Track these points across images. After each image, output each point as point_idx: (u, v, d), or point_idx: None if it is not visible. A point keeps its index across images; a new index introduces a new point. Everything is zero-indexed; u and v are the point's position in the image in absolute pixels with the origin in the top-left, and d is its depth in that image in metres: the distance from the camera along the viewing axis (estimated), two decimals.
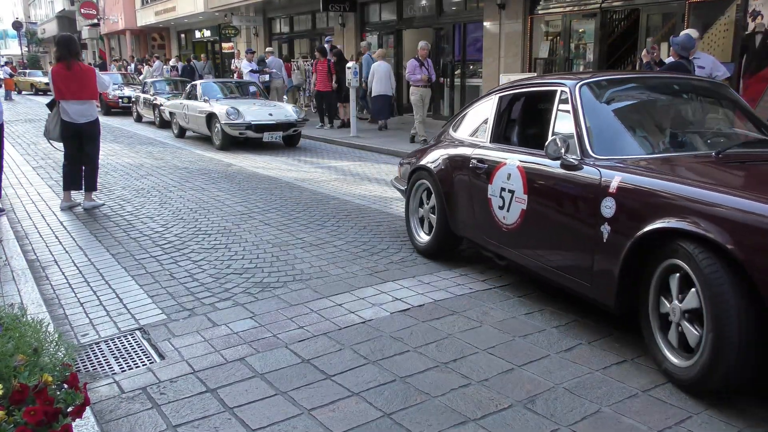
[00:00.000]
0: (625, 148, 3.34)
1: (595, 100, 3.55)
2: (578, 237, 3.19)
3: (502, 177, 3.81)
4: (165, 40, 32.45)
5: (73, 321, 3.58)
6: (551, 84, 3.82)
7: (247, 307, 3.75)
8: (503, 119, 4.31)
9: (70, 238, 5.36)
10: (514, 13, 12.49)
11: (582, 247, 3.16)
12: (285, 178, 8.28)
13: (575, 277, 3.25)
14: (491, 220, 3.93)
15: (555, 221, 3.43)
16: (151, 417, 2.57)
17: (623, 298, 2.97)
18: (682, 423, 2.47)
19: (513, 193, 3.70)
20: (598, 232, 3.02)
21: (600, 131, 3.38)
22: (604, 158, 3.18)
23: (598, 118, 3.45)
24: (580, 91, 3.52)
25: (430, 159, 4.64)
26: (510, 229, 3.76)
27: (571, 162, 3.25)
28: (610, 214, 2.95)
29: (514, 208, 3.69)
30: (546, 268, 3.50)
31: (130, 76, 21.90)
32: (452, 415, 2.54)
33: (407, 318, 3.55)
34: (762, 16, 8.87)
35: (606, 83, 3.78)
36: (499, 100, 4.30)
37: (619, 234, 2.90)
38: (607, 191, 2.98)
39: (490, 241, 4.03)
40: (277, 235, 5.36)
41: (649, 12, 10.60)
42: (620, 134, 3.54)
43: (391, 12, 16.61)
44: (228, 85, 13.29)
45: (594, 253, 3.07)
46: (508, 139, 4.29)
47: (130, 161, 9.91)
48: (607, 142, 3.34)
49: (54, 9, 45.67)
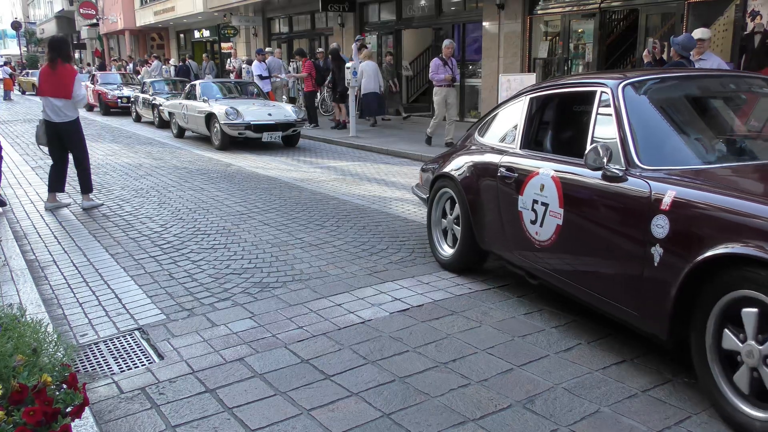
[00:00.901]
0: (677, 158, 2.94)
1: (640, 102, 3.17)
2: (624, 259, 2.83)
3: (535, 188, 3.45)
4: (164, 40, 32.44)
5: (72, 321, 3.57)
6: (590, 84, 3.42)
7: (246, 307, 3.74)
8: (534, 123, 3.94)
9: (69, 239, 5.36)
10: (513, 14, 12.50)
11: (628, 271, 2.80)
12: (284, 178, 8.27)
13: (620, 304, 2.88)
14: (522, 235, 3.57)
15: (596, 240, 3.05)
16: (150, 417, 2.57)
17: (678, 330, 2.60)
18: (681, 423, 2.47)
19: (547, 207, 3.34)
20: (647, 255, 2.65)
21: (647, 138, 2.99)
22: (653, 169, 2.81)
23: (645, 123, 3.06)
24: (624, 91, 3.13)
25: (455, 166, 4.29)
26: (543, 246, 3.39)
27: (615, 173, 2.88)
28: (663, 235, 2.58)
29: (549, 223, 3.32)
30: (586, 292, 3.13)
31: (129, 76, 21.88)
32: (451, 415, 2.54)
33: (406, 318, 3.55)
34: (761, 16, 8.89)
35: (652, 83, 3.40)
36: (530, 102, 3.92)
37: (673, 258, 2.54)
38: (658, 208, 2.61)
39: (520, 257, 3.68)
40: (276, 235, 5.36)
41: (648, 12, 10.61)
42: (671, 141, 3.13)
43: (391, 12, 16.61)
44: (227, 85, 13.28)
45: (642, 279, 2.70)
46: (541, 145, 3.93)
47: (129, 161, 9.91)
48: (656, 150, 2.95)
49: (53, 9, 45.64)
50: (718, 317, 2.42)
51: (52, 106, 6.21)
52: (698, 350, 2.51)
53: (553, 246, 3.32)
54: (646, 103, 3.23)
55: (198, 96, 12.09)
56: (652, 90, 3.36)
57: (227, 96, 12.42)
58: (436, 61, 10.72)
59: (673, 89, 3.51)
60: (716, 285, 2.39)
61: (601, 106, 3.22)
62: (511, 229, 3.70)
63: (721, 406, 2.43)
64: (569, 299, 3.59)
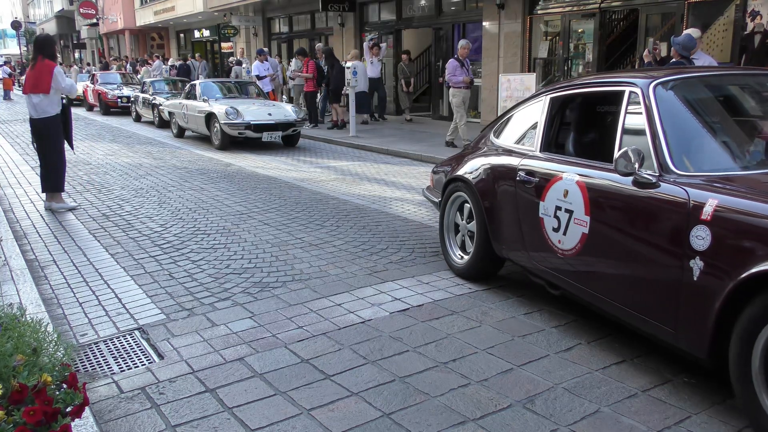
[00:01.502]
0: (715, 162, 2.76)
1: (673, 103, 2.98)
2: (659, 272, 2.64)
3: (558, 193, 3.27)
4: (164, 39, 32.43)
5: (72, 321, 3.57)
6: (617, 83, 3.24)
7: (246, 307, 3.74)
8: (555, 125, 3.75)
9: (69, 238, 5.36)
10: (513, 13, 12.50)
11: (664, 286, 2.62)
12: (284, 178, 8.27)
13: (654, 320, 2.71)
14: (543, 243, 3.39)
15: (626, 250, 2.86)
16: (150, 417, 2.57)
17: (719, 348, 2.42)
18: (681, 423, 2.47)
19: (571, 214, 3.15)
20: (686, 268, 2.47)
21: (682, 141, 2.80)
22: (689, 174, 2.64)
23: (679, 125, 2.87)
24: (655, 91, 2.94)
25: (469, 169, 4.11)
26: (567, 256, 3.21)
27: (648, 179, 2.70)
28: (704, 247, 2.39)
29: (573, 231, 3.14)
30: (614, 306, 2.97)
31: (129, 75, 21.88)
32: (451, 415, 2.54)
33: (406, 318, 3.55)
34: (761, 16, 8.89)
35: (685, 82, 3.19)
36: (550, 103, 3.73)
37: (716, 272, 2.36)
38: (698, 217, 2.42)
39: (541, 267, 3.51)
40: (276, 234, 5.36)
41: (648, 12, 10.61)
42: (708, 144, 2.93)
43: (391, 12, 16.60)
44: (227, 85, 13.28)
45: (680, 294, 2.53)
46: (562, 147, 3.76)
47: (129, 161, 9.91)
48: (692, 154, 2.77)
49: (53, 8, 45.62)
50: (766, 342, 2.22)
51: (31, 102, 6.24)
52: (741, 373, 2.31)
53: (578, 256, 3.13)
54: (680, 104, 3.04)
55: (198, 96, 12.09)
56: (685, 89, 3.16)
57: (227, 96, 12.42)
58: (452, 63, 10.33)
59: (707, 88, 3.29)
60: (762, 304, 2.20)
61: (630, 107, 3.04)
62: (530, 236, 3.53)
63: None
64: (569, 299, 3.59)
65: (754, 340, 2.25)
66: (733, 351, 2.33)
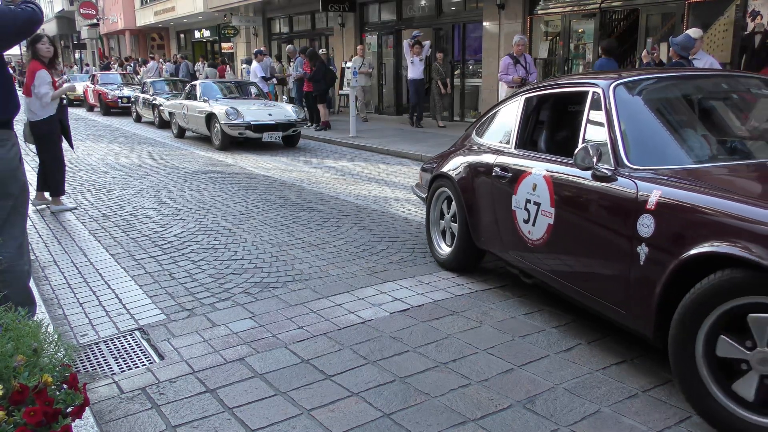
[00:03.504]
0: (666, 157, 2.93)
1: (631, 103, 3.19)
2: (612, 258, 2.84)
3: (528, 187, 3.47)
4: (164, 40, 32.44)
5: (73, 321, 3.58)
6: (583, 84, 3.44)
7: (246, 307, 3.75)
8: (530, 123, 3.97)
9: (69, 239, 5.36)
10: (514, 14, 12.50)
11: (616, 270, 2.81)
12: (284, 178, 8.28)
13: (610, 303, 2.90)
14: (516, 234, 3.60)
15: (586, 239, 3.07)
16: (150, 417, 2.57)
17: (664, 329, 2.59)
18: (681, 423, 2.47)
19: (539, 206, 3.36)
20: (634, 254, 2.67)
21: (637, 138, 3.01)
22: (641, 169, 2.82)
23: (635, 123, 3.09)
24: (615, 91, 3.15)
25: (452, 166, 4.35)
26: (536, 245, 3.42)
27: (604, 173, 2.90)
28: (648, 234, 2.60)
29: (541, 222, 3.35)
30: (577, 291, 3.16)
31: (129, 76, 21.89)
32: (452, 416, 2.54)
33: (407, 318, 3.55)
34: (761, 16, 8.89)
35: (644, 83, 3.42)
36: (525, 102, 3.96)
37: (658, 257, 2.55)
38: (644, 207, 2.63)
39: (514, 257, 3.72)
40: (276, 235, 5.36)
41: (648, 12, 10.61)
42: (661, 141, 3.11)
43: (391, 12, 16.61)
44: (227, 86, 13.29)
45: (629, 278, 2.73)
46: (535, 145, 3.96)
47: (130, 161, 9.91)
48: (645, 150, 2.97)
49: (53, 9, 45.63)
50: (714, 323, 2.34)
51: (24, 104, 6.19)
52: (683, 356, 2.44)
53: (545, 245, 3.35)
54: (637, 103, 3.24)
55: (198, 96, 12.09)
56: (644, 90, 3.37)
57: (227, 96, 12.43)
58: (505, 60, 9.56)
59: (666, 89, 3.51)
60: (715, 289, 2.31)
61: (592, 106, 3.25)
62: (505, 228, 3.74)
63: (712, 410, 2.37)
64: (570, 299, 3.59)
65: (698, 326, 2.37)
66: (672, 333, 2.47)
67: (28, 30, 2.91)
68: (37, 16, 2.84)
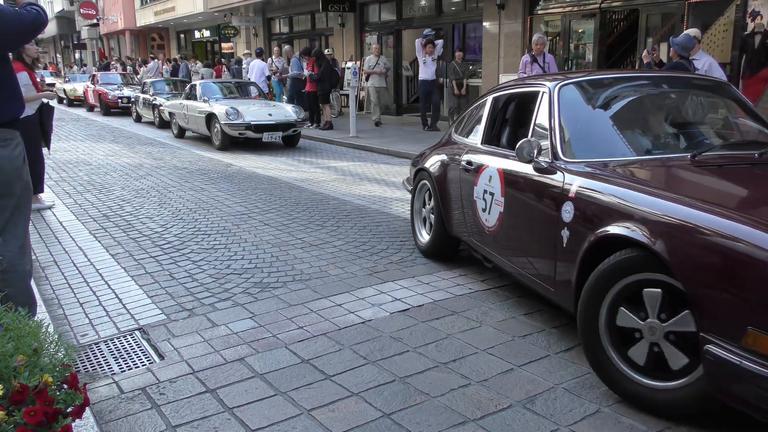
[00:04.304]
0: (596, 152, 3.23)
1: (573, 102, 3.49)
2: (544, 241, 3.15)
3: (485, 179, 3.82)
4: (164, 40, 32.44)
5: (73, 321, 3.58)
6: (535, 85, 3.74)
7: (246, 307, 3.75)
8: (495, 121, 4.28)
9: (70, 239, 5.36)
10: (514, 14, 12.50)
11: (547, 252, 3.13)
12: (284, 179, 8.28)
13: (542, 282, 3.22)
14: (477, 221, 3.93)
15: (525, 225, 3.41)
16: (150, 417, 2.57)
17: None
18: (681, 423, 2.47)
19: (493, 196, 3.70)
20: (558, 237, 2.98)
21: (574, 134, 3.32)
22: (572, 161, 3.13)
23: (573, 121, 3.39)
24: (559, 92, 3.46)
25: (431, 161, 4.71)
26: (491, 232, 3.76)
27: (542, 165, 3.21)
28: (569, 219, 2.91)
29: (494, 210, 3.69)
30: (520, 273, 3.50)
31: (129, 76, 21.90)
32: (452, 416, 2.54)
33: (407, 318, 3.55)
34: (761, 16, 8.89)
35: (589, 84, 3.73)
36: (493, 101, 4.30)
37: (575, 239, 2.86)
38: (567, 195, 2.95)
39: (476, 243, 4.05)
40: (276, 235, 5.36)
41: (648, 12, 10.61)
42: (594, 137, 3.41)
43: (391, 12, 16.61)
44: (227, 86, 13.29)
45: (556, 258, 3.04)
46: (498, 140, 4.23)
47: (130, 161, 9.91)
48: (579, 145, 3.26)
49: (53, 9, 45.63)
50: (615, 297, 2.61)
51: None
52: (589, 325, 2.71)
53: (497, 231, 3.70)
54: (577, 102, 3.55)
55: (198, 96, 12.09)
56: (588, 91, 3.68)
57: (227, 96, 12.43)
58: (524, 58, 9.48)
59: (610, 90, 3.77)
60: (614, 269, 2.58)
61: (541, 105, 3.54)
62: (469, 217, 4.08)
63: (612, 376, 2.64)
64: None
65: (602, 298, 2.65)
66: (581, 304, 2.76)
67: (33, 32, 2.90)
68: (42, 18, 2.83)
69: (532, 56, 9.35)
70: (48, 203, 6.64)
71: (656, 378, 2.51)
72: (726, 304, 2.14)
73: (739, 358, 2.09)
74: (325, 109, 13.82)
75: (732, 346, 2.13)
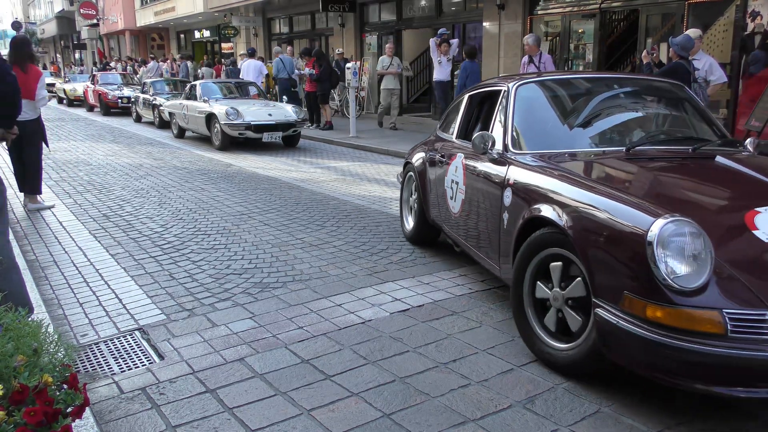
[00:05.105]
0: (542, 144, 3.58)
1: (527, 100, 3.81)
2: (492, 224, 3.54)
3: (453, 169, 4.19)
4: (164, 40, 32.45)
5: (73, 321, 3.58)
6: (500, 84, 4.06)
7: (246, 307, 3.75)
8: (469, 117, 4.59)
9: (70, 239, 5.36)
10: (514, 14, 12.50)
11: (494, 234, 3.51)
12: (284, 179, 8.28)
13: (491, 261, 3.61)
14: (446, 209, 4.32)
15: (480, 210, 3.76)
16: (150, 417, 2.57)
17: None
18: (681, 423, 2.47)
19: (458, 185, 4.07)
20: (501, 219, 3.38)
21: (524, 128, 3.67)
22: (519, 153, 3.49)
23: (525, 116, 3.72)
24: (516, 91, 3.80)
25: (416, 155, 5.12)
26: (456, 217, 4.15)
27: (494, 156, 3.59)
28: (509, 203, 3.30)
29: (458, 198, 4.06)
30: (477, 255, 3.87)
31: (129, 76, 21.90)
32: (452, 416, 2.54)
33: (407, 318, 3.55)
34: (761, 16, 8.88)
35: (545, 84, 4.10)
36: (468, 100, 4.64)
37: (512, 222, 3.25)
38: (509, 183, 3.33)
39: (447, 228, 4.43)
40: (276, 235, 5.36)
41: (648, 12, 10.61)
42: (542, 131, 3.75)
43: (391, 12, 16.61)
44: (227, 86, 13.29)
45: (500, 239, 3.42)
46: (470, 135, 4.36)
47: (130, 161, 9.91)
48: (528, 138, 3.63)
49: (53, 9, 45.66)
50: (533, 270, 3.00)
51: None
52: (517, 297, 3.10)
53: (460, 217, 4.07)
54: (531, 100, 3.87)
55: (198, 96, 12.10)
56: (542, 90, 4.04)
57: (227, 96, 12.43)
58: (524, 60, 9.50)
59: (562, 89, 4.15)
60: (533, 245, 2.97)
61: (501, 102, 3.88)
62: (442, 204, 4.44)
63: (535, 344, 2.99)
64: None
65: (525, 273, 3.03)
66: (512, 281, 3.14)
67: None
68: None
69: (529, 57, 9.35)
70: (48, 204, 6.64)
71: (562, 341, 2.86)
72: (609, 272, 2.49)
73: (617, 319, 2.43)
74: (325, 109, 13.81)
75: (614, 309, 2.46)
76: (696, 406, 2.58)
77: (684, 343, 2.22)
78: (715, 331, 2.21)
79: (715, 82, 6.83)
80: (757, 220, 2.55)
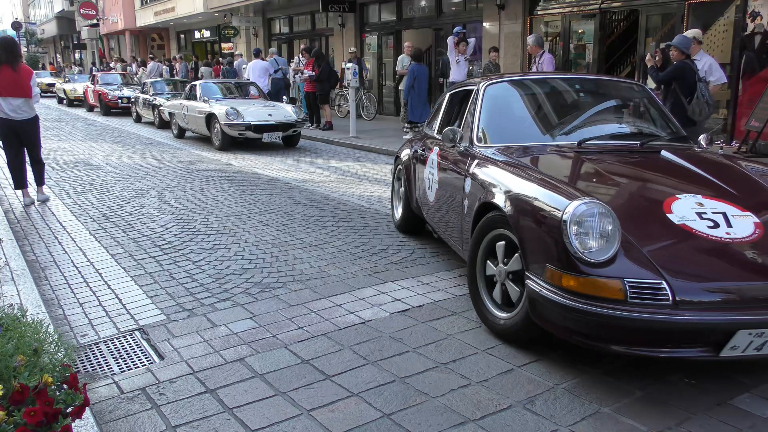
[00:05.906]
0: (504, 138, 3.93)
1: (495, 98, 4.16)
2: (456, 210, 3.87)
3: (430, 162, 4.53)
4: (164, 40, 32.45)
5: (73, 321, 3.58)
6: (474, 83, 4.41)
7: (246, 307, 3.75)
8: (449, 114, 4.92)
9: (69, 239, 5.36)
10: (514, 14, 12.51)
11: (458, 219, 3.84)
12: (284, 179, 8.28)
13: (457, 244, 3.96)
14: (425, 198, 4.65)
15: (448, 198, 4.08)
16: (150, 417, 2.57)
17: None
18: (681, 423, 2.47)
19: (433, 175, 4.41)
20: (463, 205, 3.71)
21: (489, 124, 4.01)
22: (483, 146, 3.85)
23: (489, 113, 4.07)
24: (485, 89, 4.16)
25: (404, 150, 5.46)
26: (432, 205, 4.47)
27: (461, 149, 3.95)
28: (468, 190, 3.63)
29: (434, 187, 4.40)
30: (448, 238, 4.21)
31: (129, 76, 21.90)
32: (452, 416, 2.54)
33: (407, 318, 3.55)
34: (761, 16, 8.89)
35: (513, 83, 4.50)
36: (449, 97, 5.00)
37: (471, 206, 3.55)
38: (468, 173, 3.67)
39: (426, 216, 4.78)
40: (276, 235, 5.36)
41: (648, 12, 10.61)
42: (505, 126, 4.10)
43: (391, 12, 16.62)
44: (227, 86, 13.29)
45: (462, 224, 3.75)
46: None
47: (130, 161, 9.91)
48: (491, 132, 3.98)
49: (53, 9, 45.66)
50: (484, 250, 3.35)
51: (11, 105, 6.36)
52: (472, 275, 3.43)
53: (435, 205, 4.41)
54: (498, 98, 4.21)
55: (198, 96, 12.10)
56: (510, 88, 4.42)
57: (227, 96, 12.43)
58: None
59: (528, 88, 4.51)
60: (483, 227, 3.31)
61: (473, 100, 4.20)
62: (422, 194, 4.78)
63: (485, 316, 3.32)
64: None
65: (477, 252, 3.38)
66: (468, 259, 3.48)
67: None
68: None
69: (530, 57, 9.46)
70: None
71: (505, 312, 3.18)
72: (537, 248, 2.81)
73: (541, 288, 2.73)
74: (325, 109, 13.80)
75: (539, 279, 2.76)
76: (696, 406, 2.59)
77: (591, 307, 2.52)
78: (617, 297, 2.49)
79: (715, 82, 6.83)
80: (675, 205, 2.87)
